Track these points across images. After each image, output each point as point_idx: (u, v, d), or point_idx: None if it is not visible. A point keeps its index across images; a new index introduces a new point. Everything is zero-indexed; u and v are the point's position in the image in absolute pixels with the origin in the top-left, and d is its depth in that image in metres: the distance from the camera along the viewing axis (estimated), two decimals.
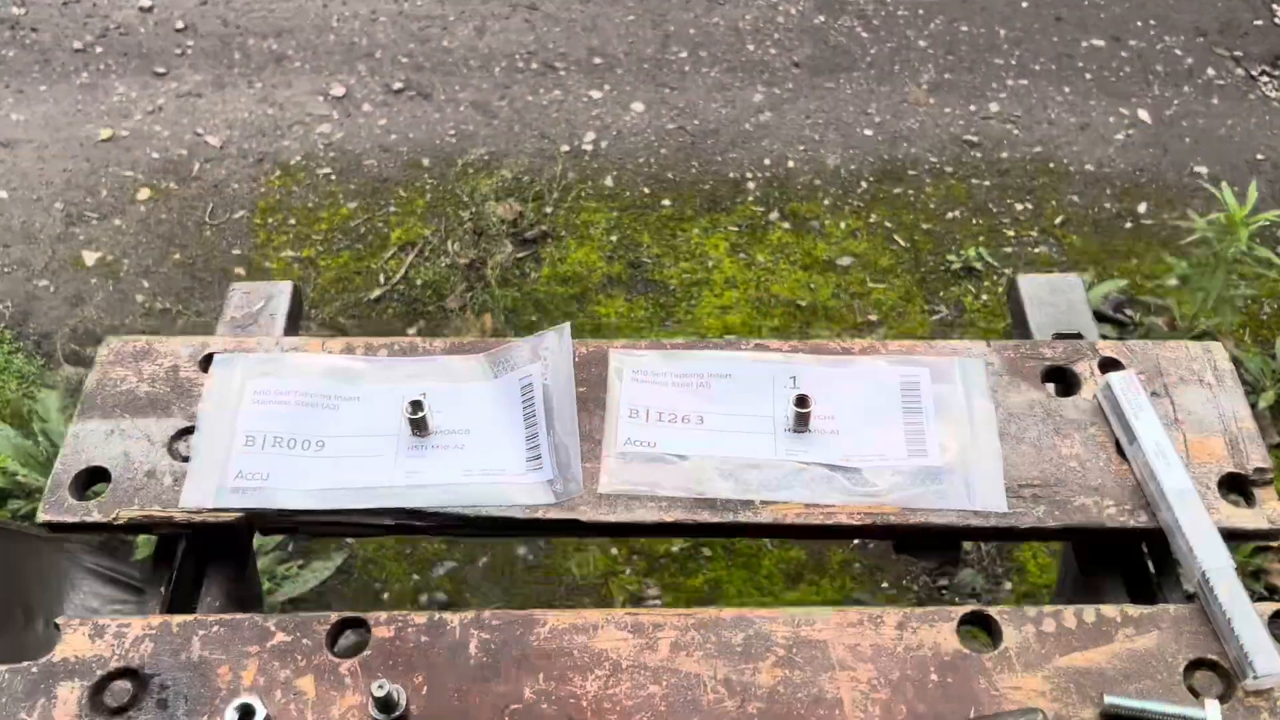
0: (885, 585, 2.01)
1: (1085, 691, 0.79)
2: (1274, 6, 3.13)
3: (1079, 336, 1.04)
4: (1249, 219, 2.13)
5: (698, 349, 0.97)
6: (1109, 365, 0.97)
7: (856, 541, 2.02)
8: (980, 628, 0.83)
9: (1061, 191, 2.62)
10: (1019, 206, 2.59)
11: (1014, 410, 0.94)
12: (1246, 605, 0.80)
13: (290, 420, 0.92)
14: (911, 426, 0.92)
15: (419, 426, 0.90)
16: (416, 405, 0.90)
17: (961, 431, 0.91)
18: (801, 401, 0.90)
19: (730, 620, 0.82)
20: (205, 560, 0.93)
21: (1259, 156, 2.72)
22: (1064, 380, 0.97)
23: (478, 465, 0.89)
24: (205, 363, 0.97)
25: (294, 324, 1.06)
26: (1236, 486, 0.90)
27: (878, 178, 2.64)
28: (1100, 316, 2.37)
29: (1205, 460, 0.91)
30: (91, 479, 0.91)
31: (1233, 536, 0.87)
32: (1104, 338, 1.07)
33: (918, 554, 0.91)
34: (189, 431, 0.92)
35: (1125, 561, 0.92)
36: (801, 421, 0.91)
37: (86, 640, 0.81)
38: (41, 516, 0.88)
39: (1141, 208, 2.59)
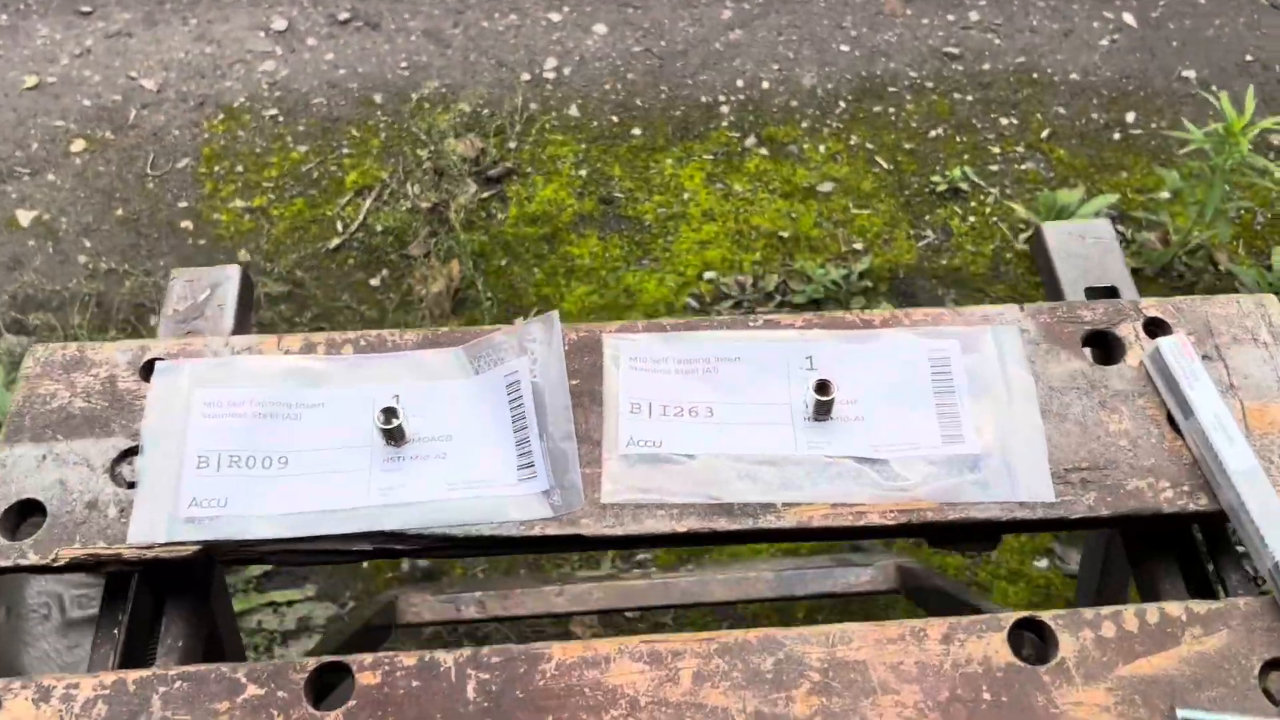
0: None
1: (1154, 704, 0.71)
2: None
3: (1113, 292, 0.95)
4: (1246, 127, 2.03)
5: (700, 329, 0.87)
6: (1154, 326, 0.88)
7: None
8: (1033, 634, 0.75)
9: (1047, 103, 2.51)
10: (1004, 121, 2.48)
11: (1055, 384, 0.84)
12: None
13: (247, 435, 0.81)
14: (944, 408, 0.83)
15: (394, 436, 0.80)
16: (390, 413, 0.80)
17: (1000, 411, 0.82)
18: (823, 388, 0.80)
19: (757, 643, 0.74)
20: (163, 595, 0.83)
21: (1248, 58, 2.61)
22: (1105, 345, 0.88)
23: (462, 477, 0.79)
24: (147, 371, 0.85)
25: (245, 314, 0.95)
26: None
27: (856, 96, 2.51)
28: None
29: (1266, 430, 0.83)
30: (24, 513, 0.80)
31: None
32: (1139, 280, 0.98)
33: (955, 547, 0.83)
34: (133, 453, 0.81)
35: (1179, 546, 0.84)
36: (823, 410, 0.81)
37: (30, 706, 0.71)
38: None
39: (1129, 117, 2.49)
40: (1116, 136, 2.46)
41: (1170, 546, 0.84)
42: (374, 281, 2.22)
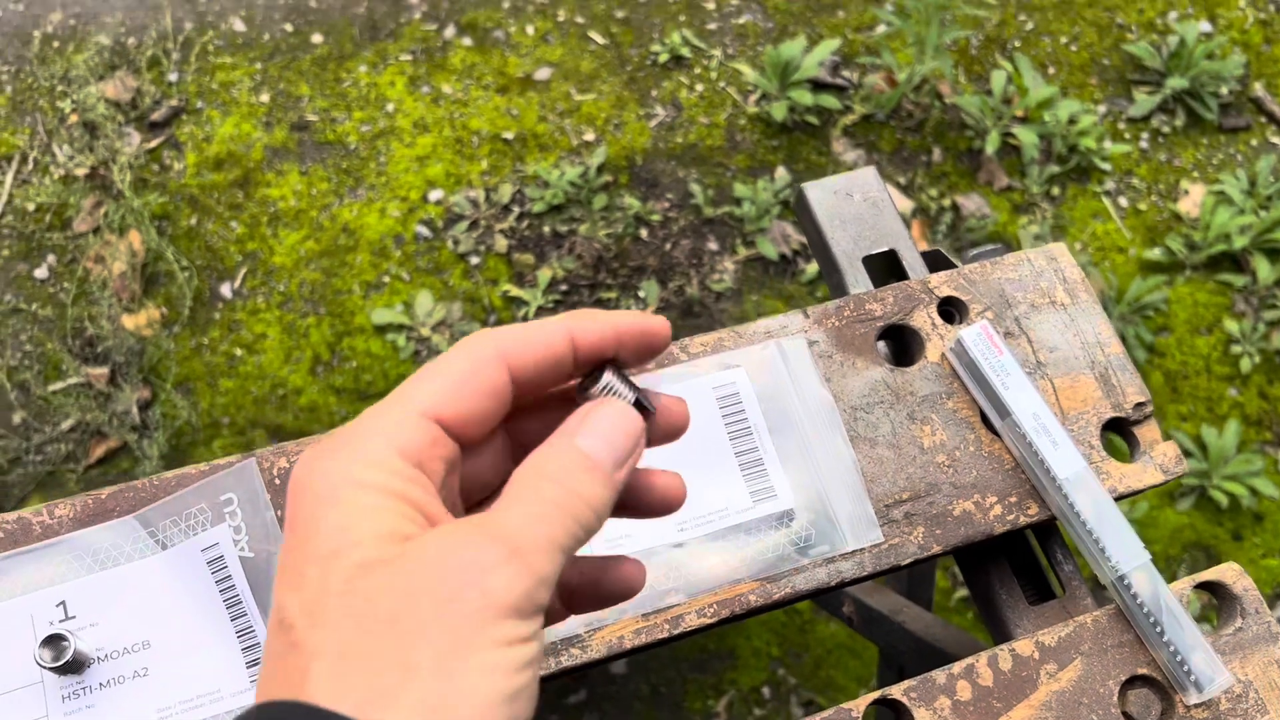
0: None
1: None
2: None
3: (893, 256, 0.85)
4: None
5: None
6: (949, 307, 0.78)
7: None
8: (888, 709, 0.67)
9: None
10: None
11: (857, 401, 0.74)
12: (1175, 606, 0.67)
13: None
14: (745, 457, 0.71)
15: (70, 669, 0.61)
16: (55, 643, 0.60)
17: (806, 447, 0.71)
18: None
19: None
20: None
21: None
22: (902, 339, 0.78)
23: (176, 696, 0.61)
24: None
25: None
26: (1116, 429, 0.76)
27: None
28: (820, 85, 2.21)
29: (1079, 408, 0.76)
30: None
31: (1126, 496, 0.74)
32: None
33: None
34: None
35: (1010, 548, 0.77)
36: None
37: None
38: None
39: None
40: None
41: (1001, 551, 0.77)
42: (40, 273, 1.87)
